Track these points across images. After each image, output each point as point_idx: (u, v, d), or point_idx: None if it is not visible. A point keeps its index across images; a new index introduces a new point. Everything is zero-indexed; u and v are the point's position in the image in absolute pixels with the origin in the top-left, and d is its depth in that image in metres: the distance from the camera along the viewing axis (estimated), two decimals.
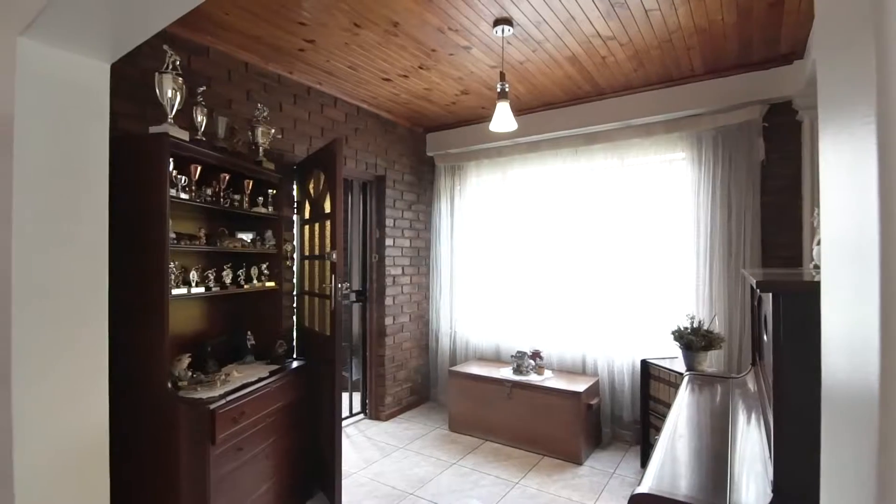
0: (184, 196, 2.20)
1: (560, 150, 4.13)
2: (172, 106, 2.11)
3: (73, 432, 1.69)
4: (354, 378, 4.60)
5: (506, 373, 3.91)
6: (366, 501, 2.91)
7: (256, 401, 2.36)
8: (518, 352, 3.97)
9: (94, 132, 1.73)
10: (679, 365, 3.15)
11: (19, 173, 1.56)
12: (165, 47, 2.10)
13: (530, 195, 4.35)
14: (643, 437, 3.36)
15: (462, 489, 3.07)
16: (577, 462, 3.44)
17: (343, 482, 2.89)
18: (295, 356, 3.08)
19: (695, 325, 3.06)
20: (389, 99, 3.94)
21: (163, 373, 2.02)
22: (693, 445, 1.65)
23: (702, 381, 2.47)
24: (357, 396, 4.47)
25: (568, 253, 4.09)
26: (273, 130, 2.94)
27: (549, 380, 3.73)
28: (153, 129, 2.06)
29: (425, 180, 4.87)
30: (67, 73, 1.66)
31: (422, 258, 4.80)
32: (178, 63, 2.12)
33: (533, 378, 3.76)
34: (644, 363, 3.40)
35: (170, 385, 2.05)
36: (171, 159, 2.04)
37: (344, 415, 3.99)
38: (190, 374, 2.24)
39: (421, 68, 3.32)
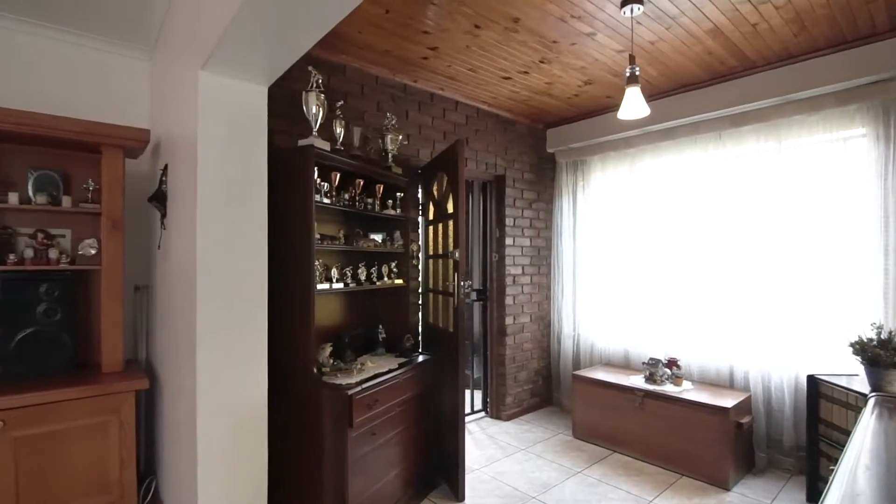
0: (326, 201, 2.44)
1: (700, 135, 3.71)
2: (316, 120, 2.36)
3: (239, 406, 1.97)
4: (475, 376, 4.67)
5: (636, 381, 3.63)
6: (488, 499, 2.92)
7: (388, 390, 2.52)
8: (651, 359, 3.65)
9: (256, 148, 2.00)
10: (860, 384, 2.61)
11: (202, 187, 1.87)
12: (310, 68, 2.35)
13: (663, 187, 3.98)
14: (810, 467, 2.86)
15: (588, 500, 2.92)
16: (724, 487, 3.05)
17: (466, 477, 2.95)
18: (420, 350, 3.23)
19: (883, 336, 2.51)
20: (509, 97, 3.92)
21: (310, 359, 2.26)
22: (885, 484, 1.35)
23: (893, 405, 2.02)
24: (478, 394, 4.53)
25: (710, 251, 3.66)
26: (400, 137, 3.12)
27: (688, 392, 3.37)
28: (301, 142, 2.32)
29: (545, 178, 4.75)
30: (234, 97, 1.94)
31: (542, 257, 4.70)
32: (320, 81, 2.36)
33: (669, 388, 3.43)
34: (812, 379, 2.89)
35: (315, 370, 2.29)
36: (315, 168, 2.27)
37: (465, 411, 4.07)
38: (331, 361, 2.48)
39: (542, 62, 3.24)
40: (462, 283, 2.81)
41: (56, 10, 2.56)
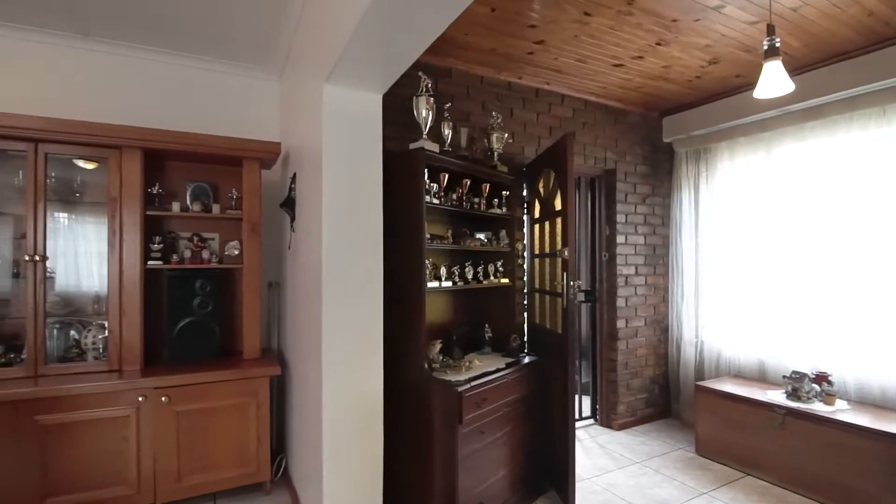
0: (435, 201, 2.51)
1: (857, 111, 3.15)
2: (426, 124, 2.43)
3: (359, 395, 2.09)
4: (583, 381, 4.47)
5: (775, 396, 3.19)
6: None
7: (495, 389, 2.51)
8: (794, 372, 3.19)
9: (372, 153, 2.11)
10: None
11: (327, 192, 2.02)
12: (420, 73, 2.42)
13: (808, 174, 3.45)
14: None
15: None
16: None
17: (576, 485, 2.82)
18: (526, 351, 3.17)
19: None
20: (620, 86, 3.69)
21: (421, 355, 2.34)
22: None
23: None
24: (586, 400, 4.33)
25: (872, 245, 3.09)
26: (506, 135, 3.10)
27: (843, 412, 2.88)
28: (412, 146, 2.41)
29: (661, 170, 4.39)
30: (354, 106, 2.07)
31: (658, 256, 4.35)
32: (429, 86, 2.43)
33: (818, 407, 2.96)
34: None
35: (426, 366, 2.36)
36: (425, 170, 2.34)
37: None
38: (441, 358, 2.53)
39: (658, 44, 2.99)
40: (571, 283, 2.70)
41: (203, 44, 2.97)
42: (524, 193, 3.49)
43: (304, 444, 2.49)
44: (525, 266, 3.49)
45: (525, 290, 3.48)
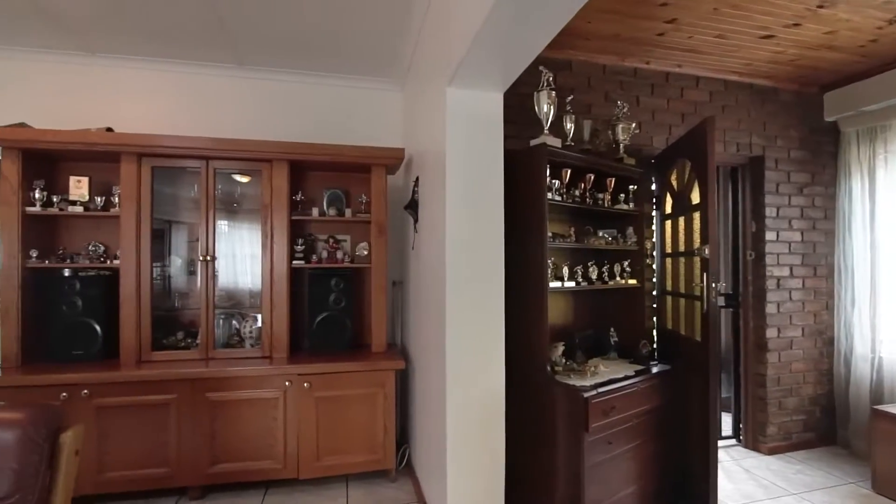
0: (557, 198, 2.42)
1: None
2: (547, 119, 2.36)
3: (481, 393, 2.10)
4: (723, 395, 3.99)
5: None
6: None
7: (624, 398, 2.34)
8: None
9: (494, 152, 2.10)
10: None
11: (450, 193, 2.06)
12: (541, 68, 2.36)
13: None
14: None
15: None
16: None
17: None
18: (657, 359, 2.91)
19: None
20: (769, 60, 3.23)
21: (543, 357, 2.27)
22: None
23: None
24: (726, 418, 3.86)
25: None
26: (633, 125, 2.89)
27: None
28: (533, 142, 2.35)
29: (823, 154, 3.75)
30: (476, 107, 2.08)
31: (820, 256, 3.71)
32: (551, 79, 2.35)
33: None
34: None
35: (548, 369, 2.28)
36: (547, 166, 2.27)
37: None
38: (564, 361, 2.44)
39: (820, 7, 2.56)
40: (714, 285, 2.42)
41: (333, 63, 3.24)
42: (653, 187, 3.22)
43: (427, 438, 2.57)
44: (655, 266, 3.22)
45: (655, 293, 3.21)
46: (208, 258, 2.89)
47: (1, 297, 2.66)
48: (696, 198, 2.61)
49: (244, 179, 3.21)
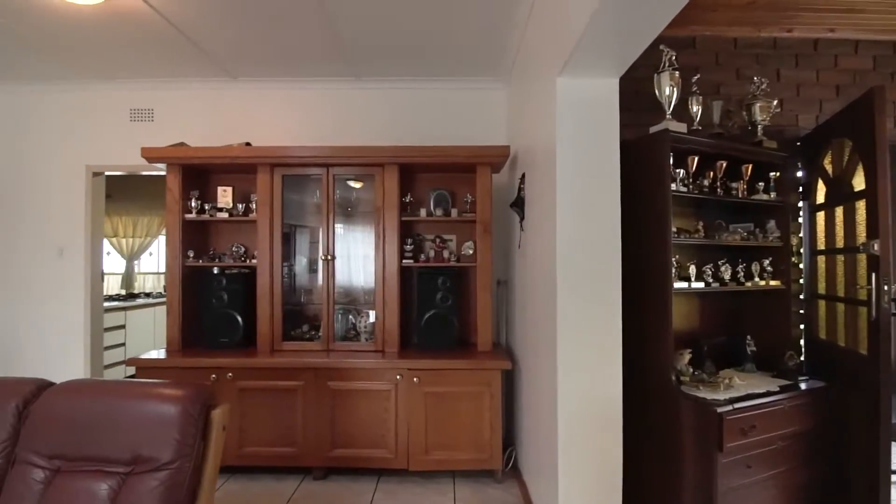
0: (682, 189, 2.20)
1: None
2: (670, 102, 2.15)
3: (596, 399, 1.97)
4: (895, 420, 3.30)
5: None
6: None
7: (766, 417, 2.04)
8: None
9: (609, 142, 1.97)
10: None
11: (560, 187, 1.97)
12: (662, 47, 2.16)
13: None
14: None
15: None
16: None
17: None
18: (806, 373, 2.50)
19: None
20: None
21: (667, 365, 2.07)
22: None
23: None
24: None
25: None
26: (773, 103, 2.52)
27: None
28: (653, 129, 2.16)
29: None
30: (589, 95, 1.96)
31: None
32: (674, 58, 2.14)
33: None
34: None
35: (673, 378, 2.08)
36: (670, 154, 2.07)
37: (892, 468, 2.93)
38: (690, 371, 2.20)
39: None
40: (886, 288, 2.01)
41: (439, 67, 3.31)
42: (799, 174, 2.78)
43: (535, 441, 2.50)
44: (803, 265, 2.77)
45: (803, 296, 2.77)
46: (329, 257, 3.12)
47: (167, 292, 3.14)
48: (859, 183, 2.20)
49: (357, 185, 3.42)
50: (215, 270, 3.20)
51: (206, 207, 3.23)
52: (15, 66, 3.36)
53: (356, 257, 3.43)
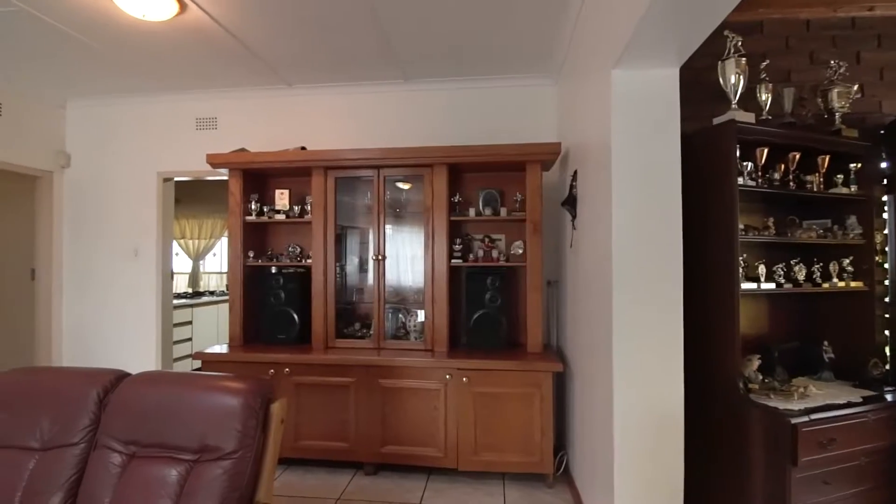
0: (749, 183, 2.05)
1: None
2: (736, 91, 2.02)
3: (654, 405, 1.88)
4: None
5: None
6: None
7: (848, 430, 1.87)
8: None
9: (668, 134, 1.87)
10: None
11: (616, 184, 1.89)
12: (726, 33, 2.04)
13: None
14: None
15: None
16: None
17: None
18: (892, 383, 2.27)
19: None
20: None
21: (733, 371, 1.95)
22: None
23: None
24: None
25: None
26: (854, 88, 2.31)
27: None
28: (717, 120, 2.04)
29: None
30: (646, 87, 1.88)
31: None
32: (739, 44, 2.01)
33: None
34: None
35: (740, 385, 1.95)
36: (736, 146, 1.94)
37: None
38: (760, 378, 2.06)
39: None
40: None
41: (487, 65, 3.28)
42: (884, 164, 2.53)
43: (589, 447, 2.42)
44: (888, 265, 2.52)
45: (889, 299, 2.52)
46: (380, 257, 3.17)
47: (229, 290, 3.31)
48: None
49: (406, 186, 3.46)
50: (273, 270, 3.34)
51: (265, 210, 3.38)
52: (96, 82, 3.67)
53: (405, 257, 3.47)
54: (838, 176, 2.25)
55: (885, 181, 2.53)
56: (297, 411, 2.95)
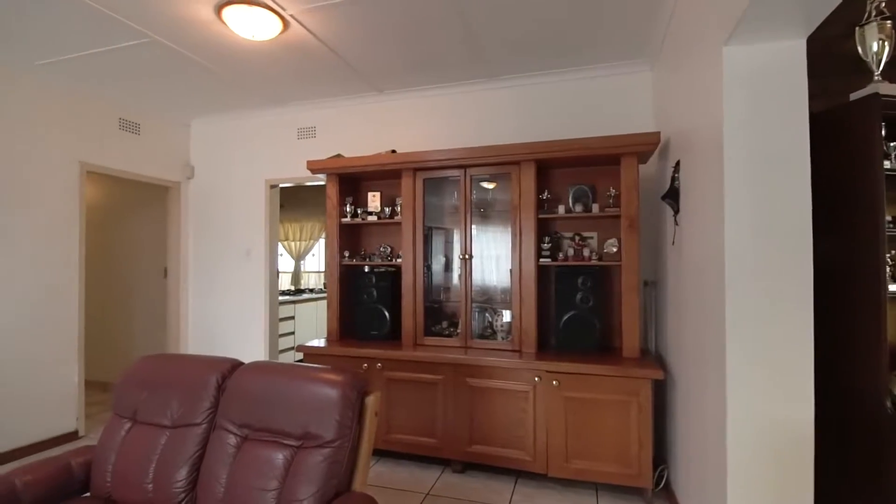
0: None
1: None
2: (879, 61, 1.73)
3: (775, 424, 1.66)
4: None
5: None
6: None
7: None
8: None
9: (793, 116, 1.64)
10: None
11: (729, 174, 1.70)
12: None
13: None
14: None
15: None
16: None
17: None
18: None
19: None
20: None
21: (878, 388, 1.66)
22: None
23: None
24: None
25: None
26: None
27: None
28: (856, 95, 1.75)
29: None
30: (763, 64, 1.67)
31: None
32: (882, 5, 1.71)
33: None
34: None
35: (888, 404, 1.65)
36: (881, 125, 1.65)
37: None
38: None
39: None
40: None
41: (576, 56, 3.13)
42: None
43: (696, 465, 2.21)
44: None
45: None
46: (466, 256, 3.18)
47: (327, 288, 3.53)
48: None
49: (490, 186, 3.44)
50: (366, 269, 3.49)
51: (358, 212, 3.55)
52: (214, 101, 4.10)
53: (490, 257, 3.45)
54: None
55: None
56: (388, 405, 3.05)
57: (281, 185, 4.47)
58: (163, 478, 1.71)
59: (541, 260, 3.03)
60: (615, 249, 2.95)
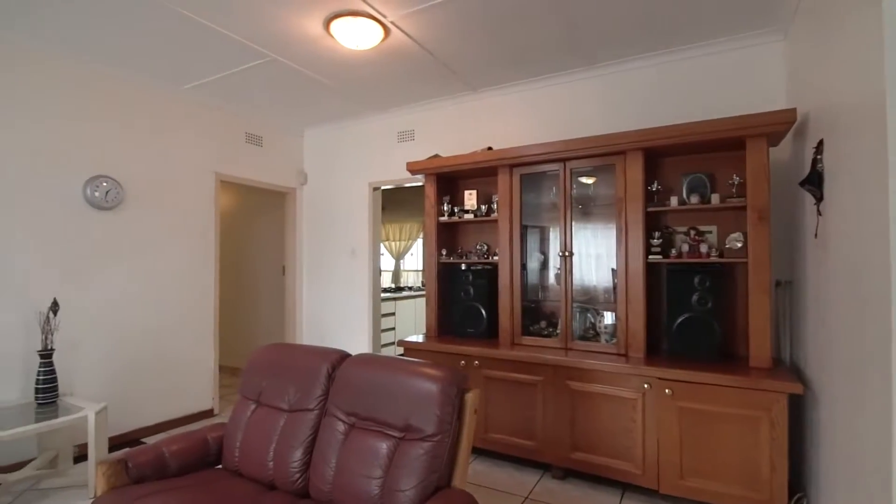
0: None
1: None
2: None
3: None
4: None
5: None
6: None
7: None
8: None
9: None
10: None
11: (894, 149, 1.41)
12: None
13: None
14: None
15: None
16: None
17: None
18: None
19: None
20: None
21: None
22: None
23: None
24: None
25: None
26: None
27: None
28: None
29: None
30: None
31: None
32: None
33: None
34: None
35: None
36: None
37: None
38: None
39: None
40: None
41: (686, 32, 2.83)
42: None
43: (847, 498, 1.87)
44: None
45: None
46: (567, 254, 3.05)
47: (426, 286, 3.61)
48: None
49: (590, 181, 3.26)
50: (463, 267, 3.51)
51: (455, 210, 3.59)
52: (324, 111, 4.42)
53: (588, 256, 3.27)
54: None
55: None
56: (486, 404, 3.04)
57: (382, 187, 4.68)
58: (281, 457, 1.87)
59: (650, 257, 2.80)
60: (740, 245, 2.62)
